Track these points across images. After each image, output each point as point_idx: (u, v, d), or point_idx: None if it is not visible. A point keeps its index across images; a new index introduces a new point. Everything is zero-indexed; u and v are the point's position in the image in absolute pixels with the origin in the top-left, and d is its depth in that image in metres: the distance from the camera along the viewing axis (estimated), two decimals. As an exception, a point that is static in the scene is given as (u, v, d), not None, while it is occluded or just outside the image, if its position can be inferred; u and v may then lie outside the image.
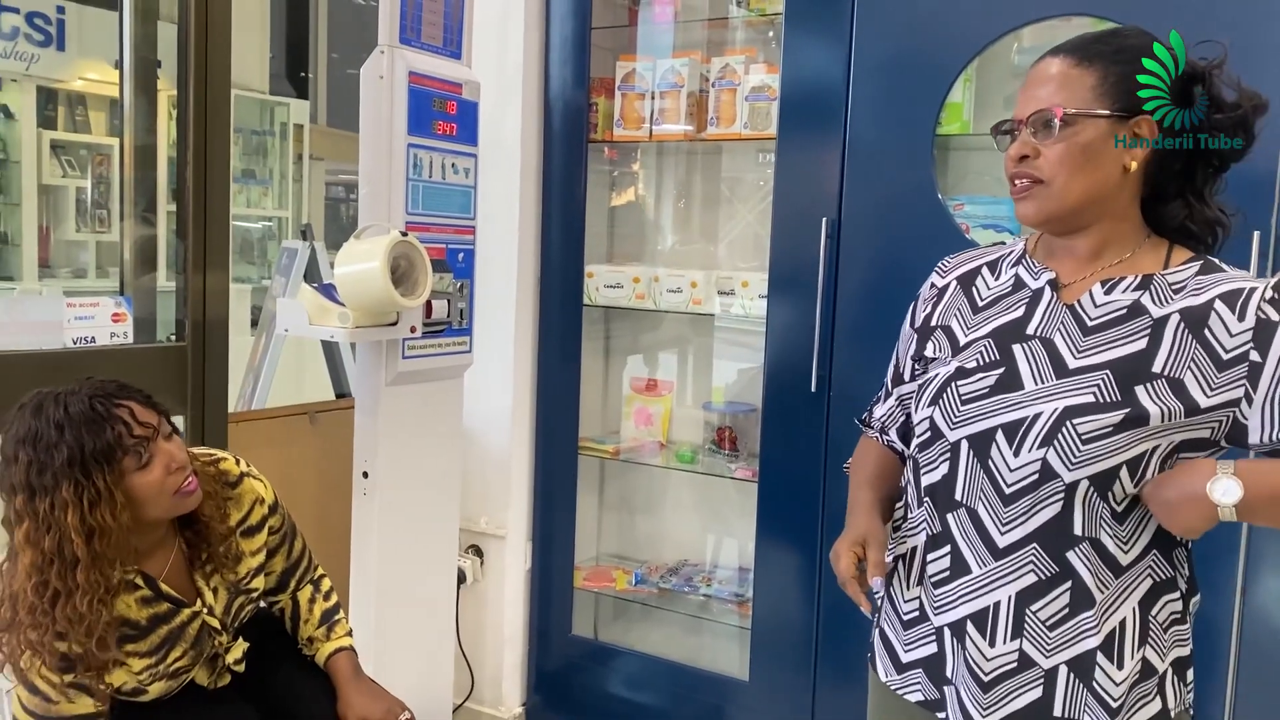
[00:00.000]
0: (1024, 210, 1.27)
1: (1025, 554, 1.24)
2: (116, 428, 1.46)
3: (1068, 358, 1.24)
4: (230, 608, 1.72)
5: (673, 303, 2.77)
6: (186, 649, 1.64)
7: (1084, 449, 1.18)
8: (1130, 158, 1.22)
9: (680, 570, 2.99)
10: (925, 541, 1.34)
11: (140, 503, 1.50)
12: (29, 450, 1.44)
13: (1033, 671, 1.25)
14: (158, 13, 2.65)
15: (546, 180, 2.82)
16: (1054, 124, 1.21)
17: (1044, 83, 1.24)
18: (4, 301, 3.66)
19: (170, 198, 2.66)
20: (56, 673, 1.50)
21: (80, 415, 1.44)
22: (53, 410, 1.45)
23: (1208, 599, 2.05)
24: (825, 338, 2.38)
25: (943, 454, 1.31)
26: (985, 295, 1.36)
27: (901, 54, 2.29)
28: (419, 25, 2.15)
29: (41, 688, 1.52)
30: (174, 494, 1.53)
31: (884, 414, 1.49)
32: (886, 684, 1.41)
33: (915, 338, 1.43)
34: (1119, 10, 2.02)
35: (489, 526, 2.88)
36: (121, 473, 1.46)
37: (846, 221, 2.36)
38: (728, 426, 2.85)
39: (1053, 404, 1.21)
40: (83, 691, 1.54)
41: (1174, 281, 1.23)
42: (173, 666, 1.63)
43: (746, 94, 2.60)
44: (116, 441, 1.45)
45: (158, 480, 1.50)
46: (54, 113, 6.27)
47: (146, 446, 1.50)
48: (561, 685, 2.94)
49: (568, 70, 2.77)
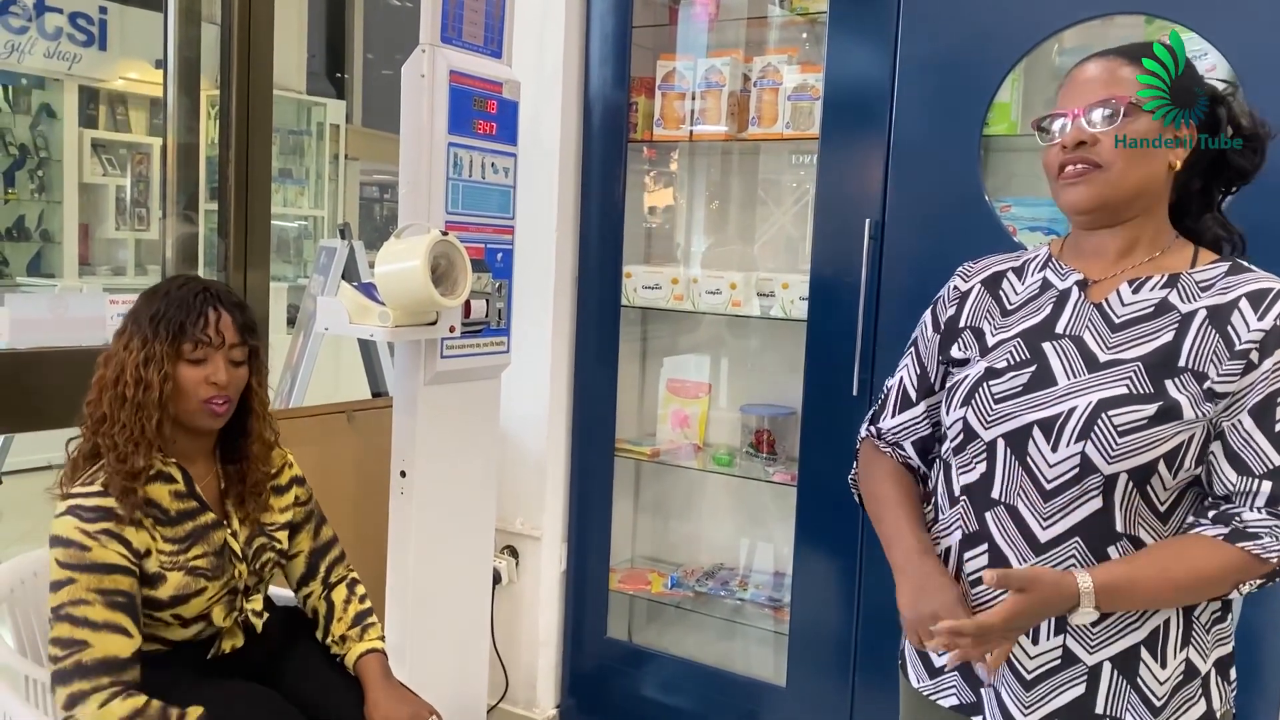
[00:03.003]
0: (1076, 195, 1.28)
1: (1067, 548, 1.24)
2: (195, 317, 1.64)
3: (1098, 353, 1.26)
4: (252, 543, 1.77)
5: (711, 304, 2.74)
6: (207, 551, 1.69)
7: (1121, 441, 1.20)
8: (1174, 157, 1.26)
9: (716, 574, 2.97)
10: (961, 540, 1.33)
11: (176, 391, 1.64)
12: (143, 300, 1.68)
13: (1076, 668, 1.26)
14: (200, 14, 2.68)
15: (585, 180, 2.81)
16: (1118, 111, 1.24)
17: (1096, 78, 1.28)
18: (46, 298, 3.71)
19: (210, 196, 2.67)
20: (88, 522, 1.58)
21: (182, 294, 1.66)
22: (183, 283, 1.69)
23: (1254, 607, 2.01)
24: (868, 340, 2.35)
25: (978, 454, 1.31)
26: (1014, 298, 1.38)
27: (948, 53, 2.25)
28: (460, 24, 2.15)
29: (77, 537, 1.57)
30: (201, 401, 1.65)
31: (898, 425, 1.47)
32: (919, 689, 1.40)
33: (939, 339, 1.43)
34: (1173, 8, 1.99)
35: (524, 527, 2.87)
36: (178, 353, 1.63)
37: (890, 223, 2.33)
38: (766, 429, 2.82)
39: (1087, 397, 1.23)
40: (114, 539, 1.58)
41: (1201, 280, 1.26)
42: (192, 561, 1.67)
43: (789, 94, 2.57)
44: (186, 326, 1.63)
45: (195, 380, 1.64)
46: (95, 112, 6.35)
47: (206, 349, 1.65)
48: (596, 688, 2.92)
49: (608, 69, 2.76)
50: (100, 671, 1.55)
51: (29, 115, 6.00)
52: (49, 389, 2.06)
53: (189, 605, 1.68)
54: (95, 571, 1.56)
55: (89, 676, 1.54)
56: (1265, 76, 1.91)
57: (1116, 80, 1.26)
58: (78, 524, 1.58)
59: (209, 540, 1.70)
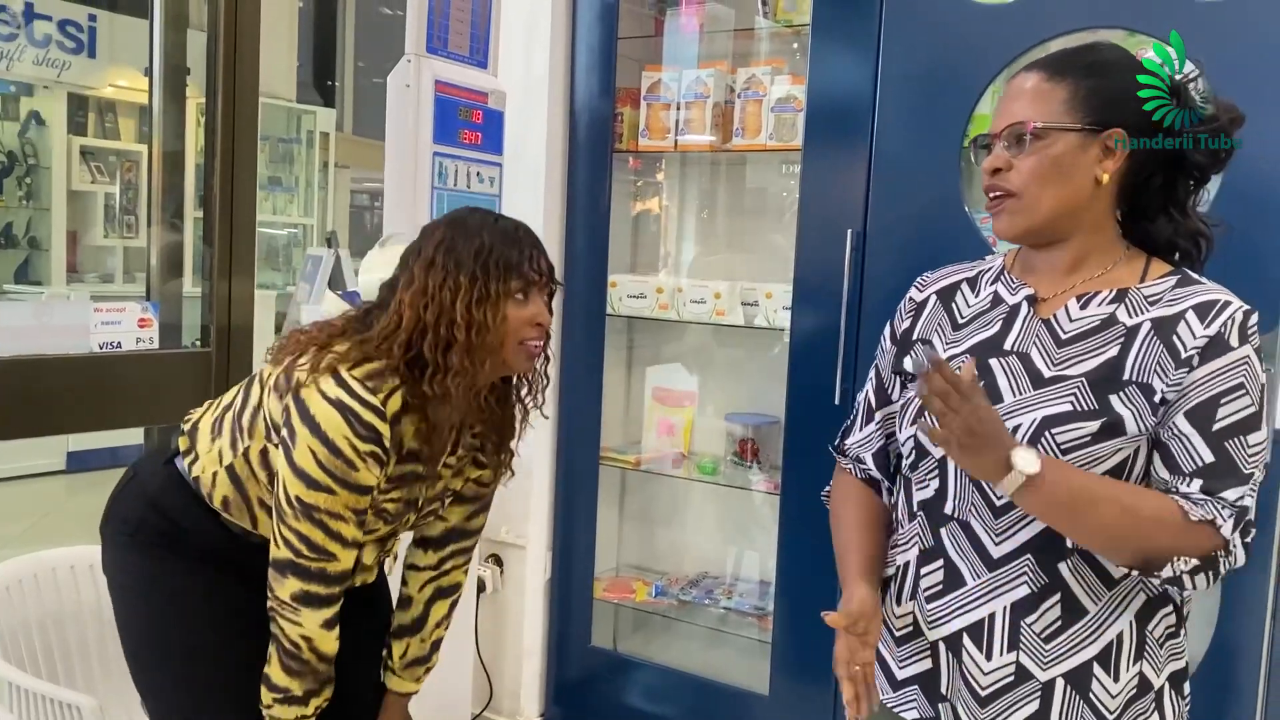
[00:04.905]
0: (998, 225, 1.29)
1: (1019, 565, 1.24)
2: (526, 252, 1.53)
3: (1043, 369, 1.25)
4: (432, 502, 1.69)
5: (696, 313, 2.75)
6: (402, 499, 1.60)
7: (1065, 459, 1.19)
8: (1102, 170, 1.23)
9: (700, 582, 2.97)
10: (918, 556, 1.34)
11: (504, 333, 1.51)
12: (447, 230, 1.53)
13: (1030, 684, 1.25)
14: (187, 20, 2.68)
15: (571, 190, 2.82)
16: (1025, 137, 1.23)
17: (1018, 97, 1.26)
18: (32, 306, 3.69)
19: (197, 204, 2.68)
20: (360, 439, 1.46)
21: (504, 229, 1.54)
22: (485, 216, 1.56)
23: (1237, 620, 2.03)
24: (850, 350, 2.37)
25: (931, 471, 1.32)
26: (965, 312, 1.37)
27: (929, 65, 2.27)
28: (446, 34, 2.16)
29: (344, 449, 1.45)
30: (521, 343, 1.54)
31: (860, 440, 1.47)
32: (883, 702, 1.40)
33: (895, 351, 1.43)
34: (1148, 22, 2.01)
35: (509, 536, 2.87)
36: (508, 291, 1.50)
37: (872, 233, 2.35)
38: (750, 438, 2.83)
39: (1031, 414, 1.22)
40: (377, 464, 1.48)
41: (1149, 294, 1.24)
42: (386, 503, 1.58)
43: (772, 105, 2.59)
44: (519, 261, 1.51)
45: (523, 320, 1.52)
46: (84, 119, 6.34)
47: (533, 287, 1.54)
48: (580, 696, 2.92)
49: (593, 80, 2.77)
50: (338, 582, 1.54)
51: (17, 122, 6.00)
52: (32, 397, 2.05)
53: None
54: (357, 493, 1.49)
55: (330, 584, 1.52)
56: (1245, 91, 1.93)
57: (1036, 98, 1.24)
58: (348, 434, 1.45)
59: (411, 489, 1.61)
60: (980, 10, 2.24)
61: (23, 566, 1.94)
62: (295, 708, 1.56)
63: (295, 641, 1.53)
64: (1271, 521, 1.97)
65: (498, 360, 1.53)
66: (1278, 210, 1.95)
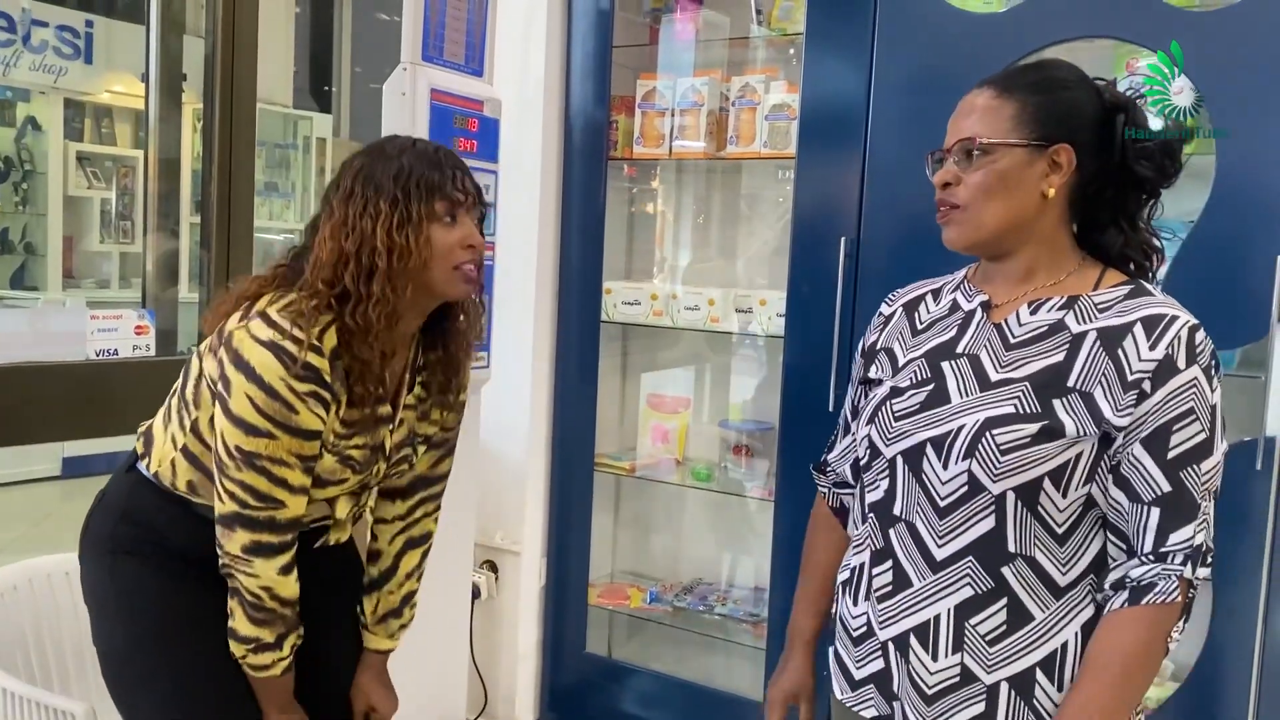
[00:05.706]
0: (946, 237, 1.32)
1: (962, 567, 1.25)
2: (448, 173, 1.49)
3: (991, 371, 1.27)
4: (401, 447, 1.64)
5: (690, 320, 2.76)
6: (367, 444, 1.56)
7: (1004, 459, 1.21)
8: (1048, 185, 1.26)
9: (695, 589, 2.98)
10: (870, 556, 1.36)
11: (428, 256, 1.47)
12: (364, 159, 1.49)
13: (975, 687, 1.26)
14: (184, 27, 2.69)
15: (566, 197, 2.83)
16: (973, 153, 1.27)
17: (968, 113, 1.30)
18: (28, 313, 3.70)
19: (194, 209, 2.68)
20: (296, 379, 1.42)
21: (423, 151, 1.50)
22: (403, 141, 1.52)
23: (1229, 623, 2.04)
24: (844, 357, 2.38)
25: (882, 471, 1.34)
26: (925, 319, 1.40)
27: (923, 74, 2.28)
28: (441, 43, 2.17)
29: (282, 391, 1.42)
30: (454, 268, 1.49)
31: (839, 453, 1.52)
32: (843, 701, 1.42)
33: (864, 363, 1.46)
34: (1138, 32, 2.02)
35: (504, 542, 2.88)
36: (432, 214, 1.47)
37: (865, 241, 2.36)
38: (744, 445, 2.84)
39: (975, 415, 1.24)
40: (319, 404, 1.45)
41: (1100, 302, 1.26)
42: (349, 449, 1.54)
43: (766, 113, 2.60)
44: (441, 182, 1.47)
45: (452, 242, 1.48)
46: (80, 125, 6.34)
47: (459, 208, 1.50)
48: (575, 702, 2.93)
49: (588, 88, 2.78)
50: (289, 529, 1.51)
51: (14, 128, 5.99)
52: (28, 405, 2.06)
53: (325, 490, 1.58)
54: (299, 436, 1.45)
55: (280, 532, 1.49)
56: (1232, 102, 1.95)
57: (985, 114, 1.27)
58: (284, 375, 1.41)
59: (374, 434, 1.56)
60: (973, 19, 2.26)
61: (14, 573, 1.94)
62: (270, 653, 1.55)
63: (255, 593, 1.51)
64: (1262, 528, 1.98)
65: (425, 285, 1.49)
66: (1265, 218, 1.96)
